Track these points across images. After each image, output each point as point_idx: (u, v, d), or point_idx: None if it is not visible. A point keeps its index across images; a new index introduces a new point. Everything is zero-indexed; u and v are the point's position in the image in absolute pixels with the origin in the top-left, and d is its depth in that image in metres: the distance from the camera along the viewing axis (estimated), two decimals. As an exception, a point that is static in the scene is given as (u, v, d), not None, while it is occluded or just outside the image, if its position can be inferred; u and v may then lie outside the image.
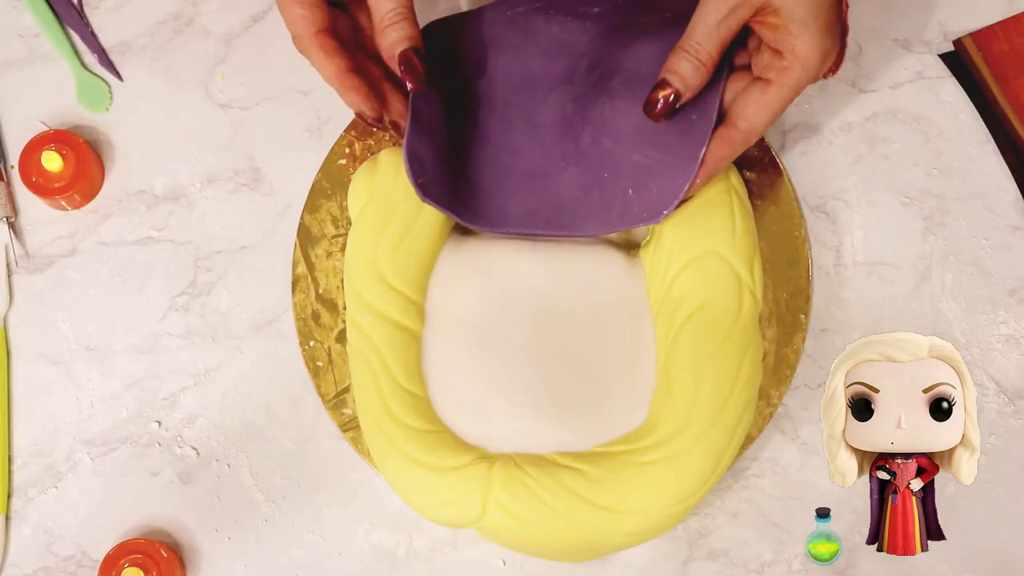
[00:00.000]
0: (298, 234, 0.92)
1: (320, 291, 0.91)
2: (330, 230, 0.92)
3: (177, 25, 0.95)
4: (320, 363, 0.90)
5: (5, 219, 0.93)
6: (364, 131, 0.92)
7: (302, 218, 0.92)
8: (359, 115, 0.83)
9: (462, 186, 0.87)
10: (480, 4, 0.92)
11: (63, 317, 0.92)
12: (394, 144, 0.91)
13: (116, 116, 0.95)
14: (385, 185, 0.87)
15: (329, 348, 0.90)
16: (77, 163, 0.91)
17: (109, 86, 0.94)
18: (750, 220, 0.87)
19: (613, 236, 0.89)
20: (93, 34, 0.95)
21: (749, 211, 0.87)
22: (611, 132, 0.87)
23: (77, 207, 0.93)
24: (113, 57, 0.95)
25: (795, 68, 0.80)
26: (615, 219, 0.86)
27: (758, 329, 0.86)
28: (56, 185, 0.91)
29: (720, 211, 0.86)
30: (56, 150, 0.91)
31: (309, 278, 0.91)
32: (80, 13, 0.96)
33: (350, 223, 0.89)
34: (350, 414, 0.89)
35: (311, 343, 0.90)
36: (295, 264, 0.91)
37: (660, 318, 0.86)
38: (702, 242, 0.85)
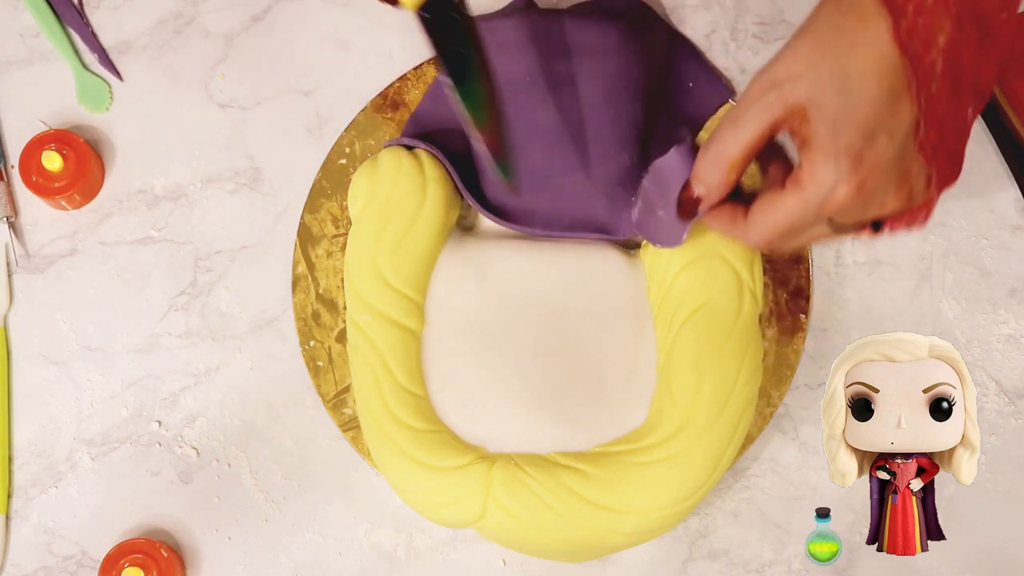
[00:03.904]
0: (298, 234, 0.92)
1: (320, 291, 0.91)
2: (330, 230, 0.92)
3: (177, 25, 0.95)
4: (320, 363, 0.90)
5: (5, 219, 0.93)
6: (364, 131, 0.92)
7: (302, 218, 0.92)
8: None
9: (463, 178, 0.88)
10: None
11: (63, 317, 0.92)
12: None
13: (116, 116, 0.94)
14: (385, 185, 0.87)
15: (329, 348, 0.90)
16: (77, 163, 0.91)
17: (109, 86, 0.94)
18: (751, 220, 0.87)
19: (611, 229, 0.89)
20: (93, 34, 0.95)
21: None
22: (624, 146, 0.88)
23: (77, 207, 0.93)
24: (113, 57, 0.95)
25: (799, 185, 0.70)
26: (623, 227, 0.87)
27: (758, 329, 0.86)
28: (56, 185, 0.91)
29: None
30: (56, 150, 0.91)
31: (309, 278, 0.91)
32: (80, 13, 0.96)
33: (350, 223, 0.89)
34: (350, 414, 0.89)
35: (311, 343, 0.90)
36: (295, 264, 0.91)
37: (660, 318, 0.86)
38: (702, 242, 0.85)
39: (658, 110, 0.91)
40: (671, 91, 0.92)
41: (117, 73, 0.95)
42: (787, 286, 0.90)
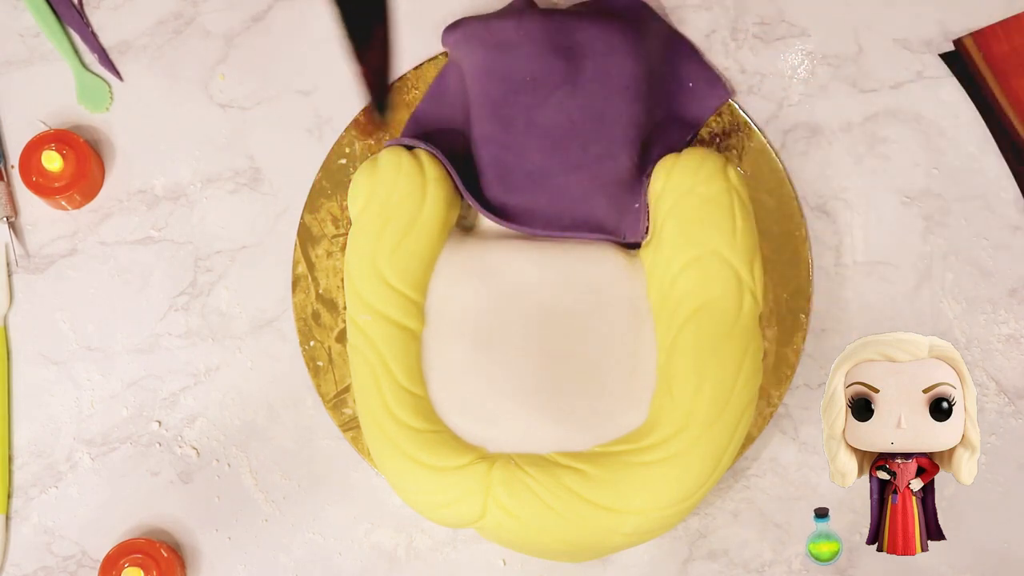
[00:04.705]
0: (298, 234, 0.92)
1: (320, 291, 0.91)
2: (330, 230, 0.92)
3: (177, 25, 0.95)
4: (320, 363, 0.90)
5: (5, 219, 0.93)
6: (364, 131, 0.92)
7: (302, 218, 0.92)
8: None
9: (463, 178, 0.89)
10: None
11: (63, 317, 0.92)
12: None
13: (116, 116, 0.94)
14: (385, 185, 0.87)
15: (329, 348, 0.90)
16: (77, 163, 0.91)
17: (109, 86, 0.94)
18: (751, 220, 0.86)
19: (611, 229, 0.89)
20: (93, 34, 0.95)
21: (750, 211, 0.87)
22: (624, 146, 0.88)
23: (77, 207, 0.93)
24: (113, 57, 0.95)
25: None
26: (623, 227, 0.88)
27: (758, 329, 0.85)
28: (56, 185, 0.91)
29: (721, 211, 0.85)
30: (56, 150, 0.91)
31: (309, 278, 0.91)
32: (80, 13, 0.96)
33: (350, 223, 0.89)
34: (350, 414, 0.89)
35: (311, 343, 0.90)
36: (295, 264, 0.91)
37: (660, 318, 0.86)
38: (702, 242, 0.85)
39: (658, 110, 0.91)
40: (671, 91, 0.92)
41: (117, 73, 0.95)
42: (787, 286, 0.90)
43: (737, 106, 0.93)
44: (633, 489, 0.82)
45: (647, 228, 0.88)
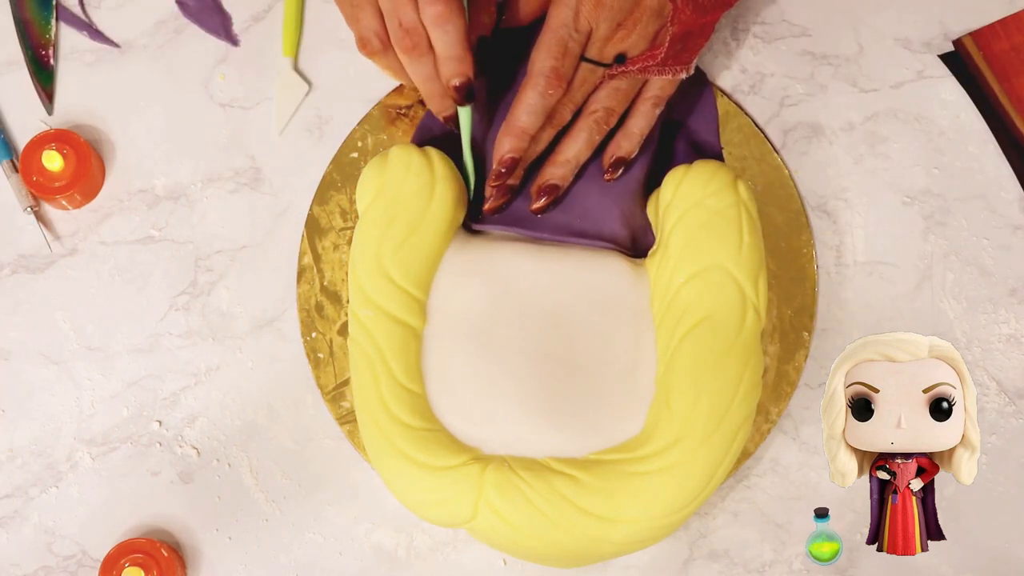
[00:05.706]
0: (306, 225, 0.92)
1: (325, 283, 0.91)
2: (338, 223, 0.92)
3: (177, 25, 0.95)
4: (321, 355, 0.90)
5: (29, 208, 0.92)
6: (376, 125, 0.92)
7: (311, 209, 0.92)
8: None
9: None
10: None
11: (63, 317, 0.92)
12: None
13: (116, 116, 0.94)
14: (394, 181, 0.86)
15: (331, 340, 0.90)
16: (78, 162, 0.91)
17: None
18: (758, 236, 0.86)
19: (621, 241, 0.89)
20: (98, 31, 0.95)
21: (758, 226, 0.86)
22: (637, 157, 0.88)
23: (78, 207, 0.93)
24: (113, 57, 0.95)
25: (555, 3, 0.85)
26: (632, 238, 0.88)
27: (760, 345, 0.85)
28: (57, 185, 0.91)
29: (728, 225, 0.85)
30: (57, 149, 0.91)
31: (315, 269, 0.91)
32: (82, 11, 0.96)
33: (358, 217, 0.89)
34: (348, 407, 0.90)
35: (313, 334, 0.91)
36: (301, 255, 0.91)
37: (662, 328, 0.85)
38: (708, 255, 0.84)
39: (669, 124, 0.91)
40: (687, 114, 0.93)
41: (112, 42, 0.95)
42: (792, 303, 0.90)
43: (738, 106, 0.93)
44: (626, 498, 0.82)
45: (654, 239, 0.88)
